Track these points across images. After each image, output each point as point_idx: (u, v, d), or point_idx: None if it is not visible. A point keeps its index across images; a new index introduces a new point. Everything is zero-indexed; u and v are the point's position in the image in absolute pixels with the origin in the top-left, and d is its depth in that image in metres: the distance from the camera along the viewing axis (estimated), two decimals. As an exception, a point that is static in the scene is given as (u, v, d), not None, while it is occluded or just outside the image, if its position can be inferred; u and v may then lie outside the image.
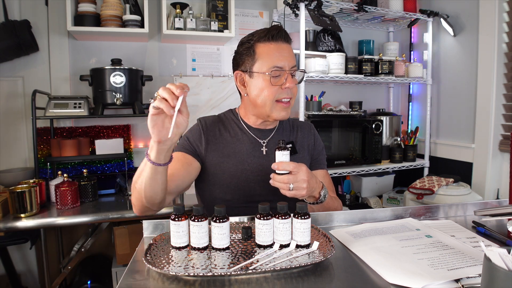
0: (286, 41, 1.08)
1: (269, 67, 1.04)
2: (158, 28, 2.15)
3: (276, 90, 1.06)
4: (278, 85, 1.05)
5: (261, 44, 1.06)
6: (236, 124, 1.18)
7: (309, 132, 1.25)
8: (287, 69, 1.05)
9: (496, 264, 0.51)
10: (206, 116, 1.20)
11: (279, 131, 1.19)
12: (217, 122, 1.18)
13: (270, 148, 1.15)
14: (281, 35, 1.07)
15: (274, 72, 1.04)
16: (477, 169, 2.09)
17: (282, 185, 0.91)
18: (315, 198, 1.00)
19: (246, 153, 1.13)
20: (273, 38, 1.06)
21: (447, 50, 2.30)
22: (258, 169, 1.12)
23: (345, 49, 2.47)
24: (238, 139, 1.14)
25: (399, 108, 2.74)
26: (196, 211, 0.78)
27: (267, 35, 1.06)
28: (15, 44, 1.82)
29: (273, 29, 1.07)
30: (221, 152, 1.12)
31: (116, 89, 1.82)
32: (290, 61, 1.06)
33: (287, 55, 1.06)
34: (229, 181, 1.10)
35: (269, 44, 1.06)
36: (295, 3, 1.99)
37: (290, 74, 1.06)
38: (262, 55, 1.06)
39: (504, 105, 1.99)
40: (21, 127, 1.98)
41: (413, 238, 0.86)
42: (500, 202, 1.18)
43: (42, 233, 1.79)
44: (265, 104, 1.07)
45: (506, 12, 1.94)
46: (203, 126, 1.15)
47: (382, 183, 2.45)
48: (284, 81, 1.05)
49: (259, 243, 0.80)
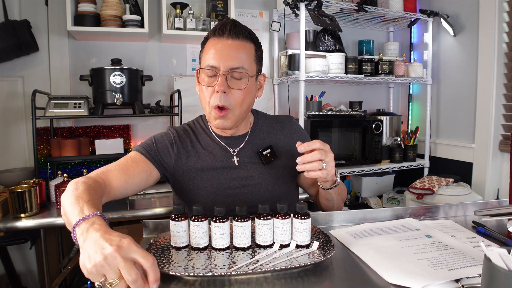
0: (231, 37, 0.94)
1: (203, 66, 0.96)
2: (158, 28, 2.15)
3: (210, 92, 0.94)
4: (212, 86, 0.94)
5: (210, 39, 0.98)
6: (206, 133, 1.08)
7: (290, 128, 1.13)
8: (221, 70, 0.92)
9: (496, 264, 0.51)
10: (177, 126, 1.11)
11: (252, 136, 1.08)
12: (189, 132, 1.08)
13: (242, 157, 1.05)
14: (225, 29, 0.94)
15: (206, 72, 0.94)
16: (477, 169, 2.09)
17: (315, 164, 0.85)
18: (333, 182, 0.96)
19: (220, 166, 1.03)
20: (215, 33, 0.96)
21: (447, 50, 2.30)
22: (234, 182, 1.03)
23: (345, 49, 2.47)
24: (210, 151, 1.05)
25: (399, 108, 2.74)
26: (196, 211, 0.78)
27: (213, 29, 0.97)
28: (15, 44, 1.82)
29: (220, 23, 0.97)
30: (193, 166, 1.03)
31: (116, 89, 1.82)
32: (226, 59, 0.92)
33: (226, 53, 0.93)
34: (205, 197, 1.02)
35: (213, 39, 0.96)
36: (295, 3, 1.99)
37: (223, 76, 0.92)
38: (205, 51, 0.98)
39: (504, 105, 1.99)
40: (21, 127, 1.98)
41: (413, 238, 0.86)
42: (500, 202, 1.18)
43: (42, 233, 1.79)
44: (205, 107, 0.98)
45: (506, 12, 1.94)
46: (175, 137, 1.05)
47: (382, 183, 2.45)
48: (216, 83, 0.93)
49: (259, 243, 0.80)
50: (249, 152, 1.06)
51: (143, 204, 1.70)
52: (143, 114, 1.90)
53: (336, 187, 0.98)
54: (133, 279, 0.56)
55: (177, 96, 1.91)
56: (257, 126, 1.11)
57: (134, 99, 1.88)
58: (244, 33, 0.97)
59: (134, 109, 1.87)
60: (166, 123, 2.24)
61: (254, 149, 1.07)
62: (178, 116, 1.92)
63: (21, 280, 1.99)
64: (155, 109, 1.97)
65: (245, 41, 0.97)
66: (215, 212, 0.78)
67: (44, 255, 1.76)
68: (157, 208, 1.63)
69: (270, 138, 1.10)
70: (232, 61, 0.93)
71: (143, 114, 1.90)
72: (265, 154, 1.05)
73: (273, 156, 1.05)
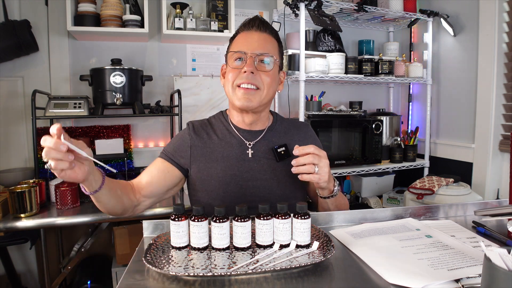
0: (259, 30, 1.06)
1: (232, 51, 1.05)
2: (158, 28, 2.15)
3: (236, 74, 1.03)
4: (238, 69, 1.03)
5: (238, 34, 1.08)
6: (224, 126, 1.14)
7: (305, 134, 1.19)
8: (249, 53, 1.02)
9: (496, 264, 0.51)
10: (196, 120, 1.18)
11: (269, 133, 1.13)
12: (206, 125, 1.15)
13: (257, 151, 1.10)
14: (254, 23, 1.06)
15: (234, 55, 1.04)
16: (477, 169, 2.09)
17: (307, 167, 0.91)
18: (330, 191, 1.00)
19: (235, 157, 1.08)
20: (245, 27, 1.07)
21: (447, 50, 2.30)
22: (247, 174, 1.07)
23: (345, 49, 2.47)
24: (226, 142, 1.10)
25: (399, 108, 2.74)
26: (196, 211, 0.78)
27: (242, 25, 1.08)
28: (15, 44, 1.82)
29: (248, 19, 1.08)
30: (208, 157, 1.08)
31: (116, 89, 1.82)
32: (254, 47, 1.03)
33: (254, 41, 1.04)
34: (217, 187, 1.06)
35: (242, 33, 1.07)
36: (295, 3, 1.99)
37: (252, 58, 1.02)
38: (233, 42, 1.08)
39: (504, 105, 1.99)
40: (21, 127, 1.99)
41: (413, 238, 0.86)
42: (500, 202, 1.18)
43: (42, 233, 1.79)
44: (229, 91, 1.05)
45: (506, 12, 1.94)
46: (191, 131, 1.12)
47: (382, 183, 2.45)
48: (245, 65, 1.02)
49: (259, 243, 0.80)
50: (263, 148, 1.11)
51: (143, 204, 1.70)
52: (143, 114, 1.90)
53: (333, 197, 1.01)
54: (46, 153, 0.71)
55: (177, 96, 1.92)
56: (275, 125, 1.17)
57: (134, 99, 1.88)
58: (270, 28, 1.08)
59: (134, 109, 1.87)
60: (166, 123, 2.24)
61: (269, 146, 1.11)
62: (178, 116, 1.92)
63: (21, 280, 1.99)
64: (155, 109, 1.97)
65: (271, 36, 1.08)
66: (215, 212, 0.78)
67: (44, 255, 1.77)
68: (157, 208, 1.63)
69: (286, 138, 1.15)
70: (260, 48, 1.03)
71: (143, 114, 1.90)
72: (279, 151, 1.09)
73: (286, 155, 1.09)
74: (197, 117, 2.25)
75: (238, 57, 1.04)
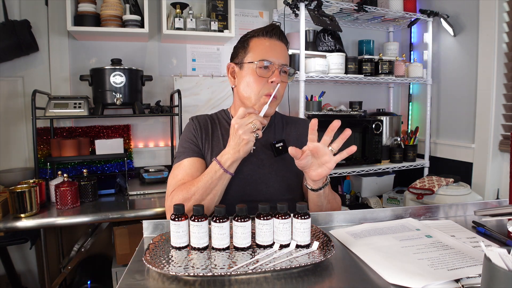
0: (280, 40, 1.10)
1: (258, 59, 1.06)
2: (158, 28, 2.15)
3: (262, 83, 1.06)
4: (265, 78, 1.06)
5: (256, 38, 1.10)
6: (227, 122, 1.19)
7: (303, 129, 1.21)
8: (276, 64, 1.06)
9: (496, 264, 0.51)
10: (198, 115, 1.21)
11: (269, 129, 1.18)
12: (209, 121, 1.19)
13: (259, 146, 1.14)
14: (276, 32, 1.09)
15: (261, 63, 1.06)
16: (477, 169, 2.09)
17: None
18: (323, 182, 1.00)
19: None
20: (267, 34, 1.09)
21: (447, 50, 2.30)
22: (246, 168, 1.10)
23: (345, 49, 2.47)
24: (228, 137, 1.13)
25: (399, 108, 2.74)
26: (196, 211, 0.78)
27: (262, 31, 1.10)
28: (15, 44, 1.82)
29: (269, 26, 1.11)
30: (213, 151, 1.12)
31: (116, 89, 1.82)
32: (280, 58, 1.07)
33: (278, 52, 1.08)
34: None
35: (263, 39, 1.09)
36: (295, 3, 1.99)
37: (278, 69, 1.06)
38: (254, 47, 1.09)
39: (504, 105, 1.99)
40: (21, 127, 1.99)
41: (413, 238, 0.86)
42: (500, 202, 1.18)
43: (42, 233, 1.79)
44: (250, 97, 1.08)
45: (506, 12, 1.94)
46: (197, 125, 1.16)
47: (382, 183, 2.45)
48: (271, 75, 1.06)
49: (259, 243, 0.80)
50: (263, 143, 1.15)
51: (143, 204, 1.70)
52: (143, 114, 1.90)
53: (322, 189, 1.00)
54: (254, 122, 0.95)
55: (177, 96, 1.92)
56: (274, 121, 1.21)
57: (134, 99, 1.88)
58: (286, 39, 1.14)
59: (134, 109, 1.87)
60: (166, 123, 2.24)
61: (268, 141, 1.16)
62: (178, 116, 1.92)
63: (21, 280, 1.99)
64: (155, 109, 1.97)
65: (286, 46, 1.13)
66: (215, 212, 0.78)
67: (44, 255, 1.77)
68: (157, 208, 1.63)
69: (284, 133, 1.20)
70: (283, 59, 1.09)
71: (143, 114, 1.90)
72: (277, 147, 1.13)
73: (284, 150, 1.13)
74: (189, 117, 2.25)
75: (265, 66, 1.06)
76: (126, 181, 1.95)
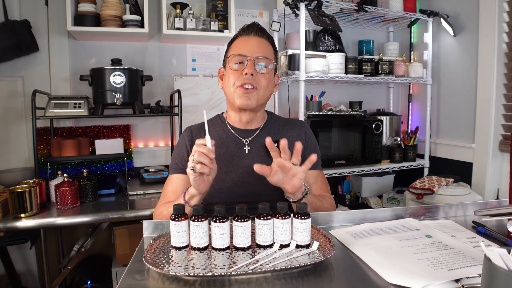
0: (257, 35, 1.14)
1: (232, 54, 1.12)
2: (158, 28, 2.15)
3: (237, 76, 1.09)
4: (239, 72, 1.09)
5: (236, 39, 1.16)
6: (221, 127, 1.20)
7: (300, 130, 1.23)
8: (249, 56, 1.09)
9: (496, 264, 0.51)
10: (193, 124, 1.24)
11: (264, 130, 1.19)
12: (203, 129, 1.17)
13: (253, 147, 1.16)
14: (253, 29, 1.14)
15: (234, 58, 1.10)
16: (477, 169, 2.09)
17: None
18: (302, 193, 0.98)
19: (231, 155, 1.14)
20: (243, 32, 1.14)
21: (447, 50, 2.30)
22: (243, 170, 1.12)
23: (345, 49, 2.47)
24: (222, 142, 1.16)
25: (399, 108, 2.74)
26: (196, 211, 0.78)
27: (240, 30, 1.16)
28: (15, 44, 1.82)
29: (246, 25, 1.16)
30: None
31: (116, 89, 1.82)
32: (254, 51, 1.10)
33: (254, 45, 1.11)
34: (214, 183, 1.05)
35: (241, 37, 1.15)
36: (295, 3, 1.99)
37: (252, 61, 1.09)
38: (233, 46, 1.15)
39: (504, 105, 1.99)
40: (21, 127, 1.98)
41: (413, 238, 0.86)
42: (500, 202, 1.18)
43: (42, 233, 1.79)
44: (229, 92, 1.11)
45: (506, 12, 1.94)
46: (189, 136, 1.18)
47: (382, 183, 2.45)
48: (245, 68, 1.09)
49: (259, 243, 0.80)
50: (258, 145, 1.17)
51: (143, 204, 1.70)
52: (143, 114, 1.90)
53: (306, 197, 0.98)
54: (198, 154, 0.88)
55: (177, 96, 1.92)
56: (269, 123, 1.23)
57: (134, 99, 1.88)
58: (267, 34, 1.16)
59: (134, 109, 1.87)
60: (166, 123, 2.24)
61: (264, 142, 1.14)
62: (178, 116, 1.92)
63: (21, 280, 1.99)
64: (155, 109, 1.97)
65: (268, 41, 1.16)
66: (215, 212, 0.78)
67: (44, 255, 1.77)
68: (157, 208, 1.63)
69: (280, 135, 1.20)
70: (259, 52, 1.11)
71: (143, 114, 1.90)
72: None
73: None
74: (197, 117, 2.26)
75: (239, 61, 1.10)
76: (126, 181, 1.95)
